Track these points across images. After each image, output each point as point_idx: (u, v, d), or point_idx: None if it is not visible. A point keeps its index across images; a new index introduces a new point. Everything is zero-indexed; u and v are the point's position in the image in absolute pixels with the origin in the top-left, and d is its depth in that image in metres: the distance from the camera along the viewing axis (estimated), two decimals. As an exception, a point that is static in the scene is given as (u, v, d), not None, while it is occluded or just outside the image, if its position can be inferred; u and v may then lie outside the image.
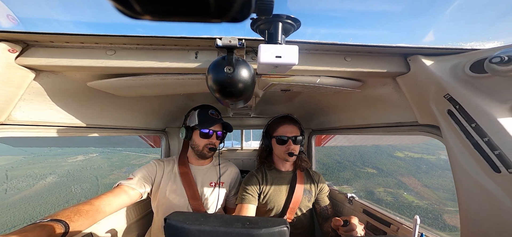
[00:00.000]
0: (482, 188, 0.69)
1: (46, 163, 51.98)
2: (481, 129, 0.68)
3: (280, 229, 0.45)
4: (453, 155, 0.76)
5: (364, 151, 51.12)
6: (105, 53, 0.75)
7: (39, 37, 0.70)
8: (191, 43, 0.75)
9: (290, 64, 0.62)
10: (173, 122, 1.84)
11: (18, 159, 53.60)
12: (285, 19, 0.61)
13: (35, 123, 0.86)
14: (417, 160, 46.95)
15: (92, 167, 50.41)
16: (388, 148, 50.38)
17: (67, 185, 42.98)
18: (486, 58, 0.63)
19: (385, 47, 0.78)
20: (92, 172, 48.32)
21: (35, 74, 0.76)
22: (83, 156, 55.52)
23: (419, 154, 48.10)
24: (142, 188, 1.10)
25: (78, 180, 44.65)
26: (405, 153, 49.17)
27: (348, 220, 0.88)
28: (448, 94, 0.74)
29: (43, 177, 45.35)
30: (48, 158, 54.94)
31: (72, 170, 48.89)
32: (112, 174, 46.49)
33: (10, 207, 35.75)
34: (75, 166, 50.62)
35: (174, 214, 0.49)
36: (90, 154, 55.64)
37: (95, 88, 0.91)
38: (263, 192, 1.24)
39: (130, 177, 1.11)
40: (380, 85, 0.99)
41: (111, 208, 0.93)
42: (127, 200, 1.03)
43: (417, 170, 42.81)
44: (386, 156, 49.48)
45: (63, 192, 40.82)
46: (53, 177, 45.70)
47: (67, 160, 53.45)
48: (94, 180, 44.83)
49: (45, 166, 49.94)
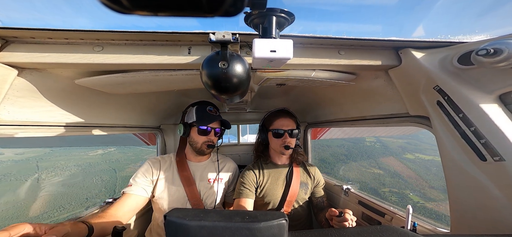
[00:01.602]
0: (469, 176, 0.72)
1: (70, 155, 53.82)
2: (468, 119, 0.71)
3: (279, 222, 0.46)
4: (442, 145, 0.79)
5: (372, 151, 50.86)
6: (92, 49, 0.72)
7: (18, 33, 0.66)
8: (184, 38, 0.73)
9: (285, 59, 0.61)
10: (168, 119, 1.82)
11: (46, 151, 54.58)
12: (279, 13, 0.60)
13: (22, 122, 0.83)
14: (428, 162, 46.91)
15: (110, 160, 52.35)
16: (398, 150, 50.45)
17: (89, 176, 45.28)
18: (473, 50, 0.64)
19: (377, 41, 0.79)
20: (110, 165, 50.37)
21: (17, 71, 0.72)
22: (102, 150, 56.79)
23: (431, 156, 48.36)
24: (144, 191, 1.10)
25: (98, 172, 46.59)
26: (416, 155, 49.37)
27: (343, 212, 0.91)
28: (437, 86, 0.77)
29: (69, 168, 47.27)
30: (72, 151, 57.05)
31: (93, 163, 50.72)
32: (128, 168, 48.15)
33: (42, 196, 36.70)
34: (95, 159, 52.38)
35: (174, 211, 0.49)
36: (109, 148, 57.20)
37: (84, 86, 0.89)
38: (260, 186, 1.25)
39: (130, 183, 1.11)
40: (373, 78, 1.00)
41: (127, 218, 1.02)
42: (135, 206, 1.06)
43: (427, 172, 42.61)
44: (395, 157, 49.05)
45: (86, 182, 42.69)
46: (76, 168, 47.67)
47: (88, 154, 55.37)
48: (113, 173, 46.72)
49: (69, 159, 51.79)
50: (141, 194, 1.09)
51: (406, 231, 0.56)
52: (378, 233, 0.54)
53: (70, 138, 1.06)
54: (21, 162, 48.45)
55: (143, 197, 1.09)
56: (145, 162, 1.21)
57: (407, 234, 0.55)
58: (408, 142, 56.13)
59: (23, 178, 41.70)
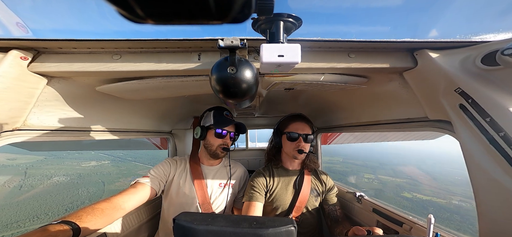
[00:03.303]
0: (500, 185, 0.65)
1: (62, 164, 54.56)
2: (496, 123, 0.65)
3: (287, 229, 0.45)
4: (468, 151, 0.73)
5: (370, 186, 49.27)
6: (111, 57, 0.76)
7: (48, 44, 0.72)
8: (194, 45, 0.76)
9: (293, 63, 0.61)
10: (180, 124, 1.87)
11: (39, 159, 56.50)
12: (286, 18, 0.60)
13: (49, 127, 0.90)
14: (426, 202, 44.81)
15: (102, 173, 52.10)
16: (396, 188, 48.36)
17: (75, 187, 44.44)
18: (498, 50, 0.60)
19: (390, 43, 0.76)
20: (101, 177, 49.70)
21: (47, 80, 0.79)
22: (96, 161, 57.92)
23: (429, 197, 46.12)
24: (158, 186, 1.12)
25: (86, 184, 46.04)
26: (413, 194, 47.38)
27: (371, 230, 0.82)
28: (459, 88, 0.72)
29: (57, 177, 47.23)
30: (65, 160, 57.74)
31: (84, 174, 50.79)
32: (118, 181, 47.91)
33: (20, 204, 37.04)
34: (87, 170, 52.64)
35: (183, 215, 0.50)
36: (102, 161, 57.87)
37: (103, 92, 0.94)
38: (270, 190, 1.24)
39: (147, 175, 1.12)
40: (387, 81, 0.97)
41: (129, 205, 0.93)
42: (144, 196, 1.03)
43: (424, 211, 40.64)
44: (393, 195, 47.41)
45: (71, 193, 42.04)
46: (65, 178, 47.51)
47: (81, 164, 55.96)
48: (101, 185, 46.27)
49: (60, 168, 52.41)
50: (155, 188, 1.09)
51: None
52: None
53: (85, 141, 1.12)
54: (10, 168, 48.47)
55: (155, 190, 1.10)
56: (165, 160, 1.25)
57: None
58: (406, 181, 54.66)
59: (7, 184, 40.82)
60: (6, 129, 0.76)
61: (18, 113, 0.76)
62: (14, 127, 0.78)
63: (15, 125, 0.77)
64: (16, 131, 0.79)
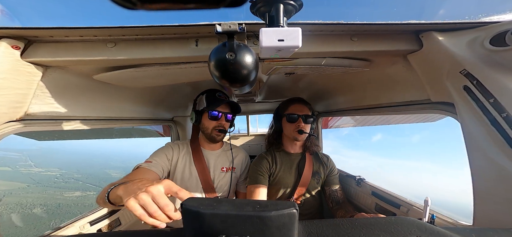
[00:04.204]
0: (498, 167, 0.66)
1: (43, 193, 48.95)
2: (500, 104, 0.65)
3: (289, 212, 0.46)
4: (468, 133, 0.74)
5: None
6: (106, 45, 0.74)
7: (38, 32, 0.69)
8: (190, 31, 0.73)
9: (293, 47, 0.59)
10: (181, 111, 1.88)
11: (21, 186, 50.42)
12: (286, 0, 0.57)
13: (51, 116, 0.90)
14: None
15: (83, 204, 46.44)
16: None
17: (48, 220, 39.74)
18: (508, 30, 0.58)
19: (395, 25, 0.72)
20: (81, 209, 44.57)
21: (43, 70, 0.78)
22: (81, 192, 51.48)
23: None
24: (161, 171, 1.10)
25: (64, 214, 40.78)
26: None
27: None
28: (465, 70, 0.70)
29: (31, 207, 42.56)
30: (47, 189, 51.31)
31: (63, 205, 45.74)
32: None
33: None
34: (68, 201, 47.44)
35: (190, 200, 0.52)
36: (88, 191, 51.49)
37: (101, 81, 0.93)
38: (273, 173, 1.27)
39: (149, 160, 1.11)
40: (390, 64, 0.94)
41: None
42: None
43: None
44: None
45: (43, 224, 37.50)
46: (40, 209, 42.65)
47: (64, 194, 50.39)
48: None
49: (39, 197, 46.98)
50: (158, 172, 1.07)
51: (423, 223, 0.54)
52: (393, 224, 0.53)
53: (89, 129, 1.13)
54: (-16, 193, 42.86)
55: (158, 175, 1.07)
56: (166, 144, 1.23)
57: (425, 226, 0.52)
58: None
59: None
60: (8, 119, 0.76)
61: (18, 103, 0.76)
62: (17, 117, 0.78)
63: (18, 115, 0.78)
64: (18, 121, 0.80)
